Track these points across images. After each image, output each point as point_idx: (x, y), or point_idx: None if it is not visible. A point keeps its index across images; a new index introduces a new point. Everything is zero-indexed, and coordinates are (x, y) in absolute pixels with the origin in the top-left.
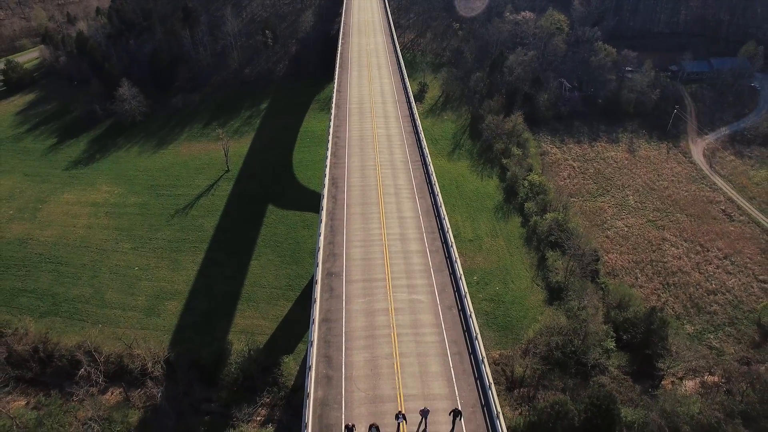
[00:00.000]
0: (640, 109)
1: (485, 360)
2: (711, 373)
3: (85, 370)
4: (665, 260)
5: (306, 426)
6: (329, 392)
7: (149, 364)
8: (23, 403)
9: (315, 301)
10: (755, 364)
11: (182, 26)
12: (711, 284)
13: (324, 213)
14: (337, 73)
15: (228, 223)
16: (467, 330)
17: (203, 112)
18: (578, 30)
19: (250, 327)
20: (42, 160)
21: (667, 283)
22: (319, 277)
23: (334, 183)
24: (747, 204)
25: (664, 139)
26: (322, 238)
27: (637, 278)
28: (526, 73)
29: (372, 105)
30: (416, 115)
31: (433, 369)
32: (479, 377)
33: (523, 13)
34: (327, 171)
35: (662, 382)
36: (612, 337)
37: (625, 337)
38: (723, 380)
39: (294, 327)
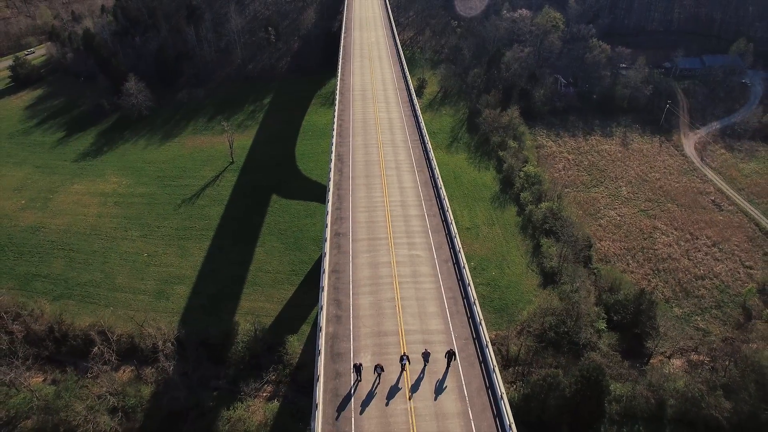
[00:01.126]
0: (633, 105)
1: (476, 302)
2: (697, 353)
3: (99, 348)
4: (656, 247)
5: (319, 353)
6: (339, 328)
7: (160, 343)
8: (41, 379)
9: (325, 255)
10: (739, 343)
11: (187, 23)
12: (699, 270)
13: (331, 183)
14: (340, 63)
15: (233, 212)
16: (461, 279)
17: (208, 106)
18: (573, 27)
19: (255, 309)
20: (51, 152)
21: (658, 269)
22: (328, 235)
23: (340, 158)
24: (736, 195)
25: (657, 133)
26: (330, 204)
27: (628, 264)
28: (522, 70)
29: (374, 92)
30: (415, 101)
31: (430, 310)
32: (471, 316)
33: (519, 11)
34: (333, 148)
35: (651, 361)
36: (603, 318)
37: (615, 318)
38: (708, 358)
39: (298, 309)
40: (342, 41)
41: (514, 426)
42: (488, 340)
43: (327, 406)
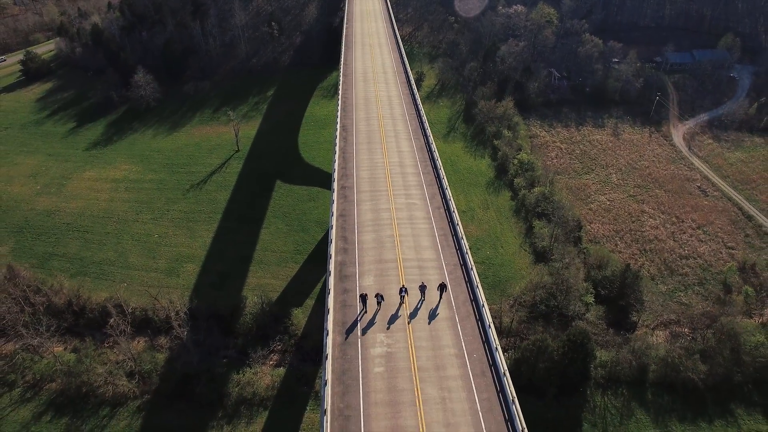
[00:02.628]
0: (625, 97)
1: (464, 238)
2: (679, 325)
3: (115, 320)
4: (643, 230)
5: (330, 273)
6: (346, 257)
7: (173, 314)
8: (62, 348)
9: (333, 202)
10: (718, 315)
11: (192, 19)
12: (684, 250)
13: (337, 148)
14: (343, 50)
15: (239, 197)
16: (451, 221)
17: (213, 98)
18: (567, 23)
19: (262, 285)
20: (63, 141)
21: (644, 249)
22: (335, 187)
23: (344, 128)
24: (721, 181)
25: (647, 124)
26: (336, 165)
27: (616, 245)
28: (517, 63)
29: (374, 73)
30: (412, 81)
31: (424, 243)
32: (459, 248)
33: (514, 7)
34: (338, 120)
35: (636, 333)
36: (591, 293)
37: (603, 292)
38: (689, 330)
39: (302, 285)
40: (344, 31)
41: (493, 327)
42: (473, 265)
43: (337, 313)
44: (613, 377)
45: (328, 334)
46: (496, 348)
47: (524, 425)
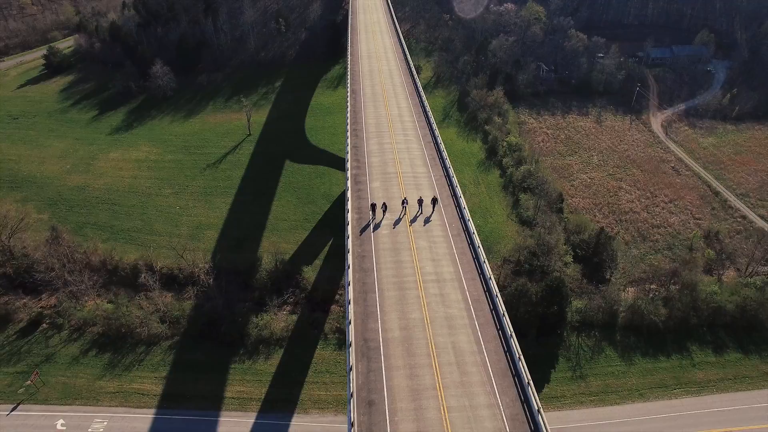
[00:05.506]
0: (608, 88)
1: (448, 160)
2: (648, 282)
3: (144, 276)
4: (620, 203)
5: (348, 179)
6: (359, 171)
7: (197, 269)
8: (98, 300)
9: (347, 138)
10: (681, 271)
11: (204, 16)
12: (656, 220)
13: (349, 106)
14: (349, 35)
15: (252, 174)
16: (439, 151)
17: (225, 88)
18: (555, 20)
19: (275, 248)
20: (87, 127)
21: (620, 219)
22: (348, 129)
23: (354, 92)
24: (693, 163)
25: (628, 112)
26: (348, 114)
27: (595, 215)
28: (507, 57)
29: (377, 53)
30: (409, 57)
31: (418, 163)
32: (444, 166)
33: (505, 5)
34: (348, 85)
35: (608, 287)
36: (570, 254)
37: (580, 253)
38: (657, 286)
39: (312, 248)
40: (350, 21)
41: (466, 209)
42: (453, 175)
43: (354, 202)
44: (587, 322)
45: (348, 211)
46: (468, 219)
47: (485, 257)
